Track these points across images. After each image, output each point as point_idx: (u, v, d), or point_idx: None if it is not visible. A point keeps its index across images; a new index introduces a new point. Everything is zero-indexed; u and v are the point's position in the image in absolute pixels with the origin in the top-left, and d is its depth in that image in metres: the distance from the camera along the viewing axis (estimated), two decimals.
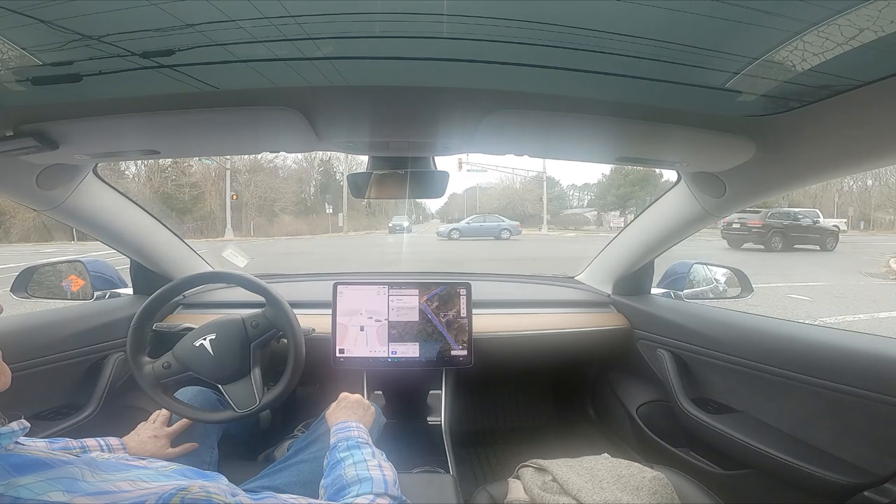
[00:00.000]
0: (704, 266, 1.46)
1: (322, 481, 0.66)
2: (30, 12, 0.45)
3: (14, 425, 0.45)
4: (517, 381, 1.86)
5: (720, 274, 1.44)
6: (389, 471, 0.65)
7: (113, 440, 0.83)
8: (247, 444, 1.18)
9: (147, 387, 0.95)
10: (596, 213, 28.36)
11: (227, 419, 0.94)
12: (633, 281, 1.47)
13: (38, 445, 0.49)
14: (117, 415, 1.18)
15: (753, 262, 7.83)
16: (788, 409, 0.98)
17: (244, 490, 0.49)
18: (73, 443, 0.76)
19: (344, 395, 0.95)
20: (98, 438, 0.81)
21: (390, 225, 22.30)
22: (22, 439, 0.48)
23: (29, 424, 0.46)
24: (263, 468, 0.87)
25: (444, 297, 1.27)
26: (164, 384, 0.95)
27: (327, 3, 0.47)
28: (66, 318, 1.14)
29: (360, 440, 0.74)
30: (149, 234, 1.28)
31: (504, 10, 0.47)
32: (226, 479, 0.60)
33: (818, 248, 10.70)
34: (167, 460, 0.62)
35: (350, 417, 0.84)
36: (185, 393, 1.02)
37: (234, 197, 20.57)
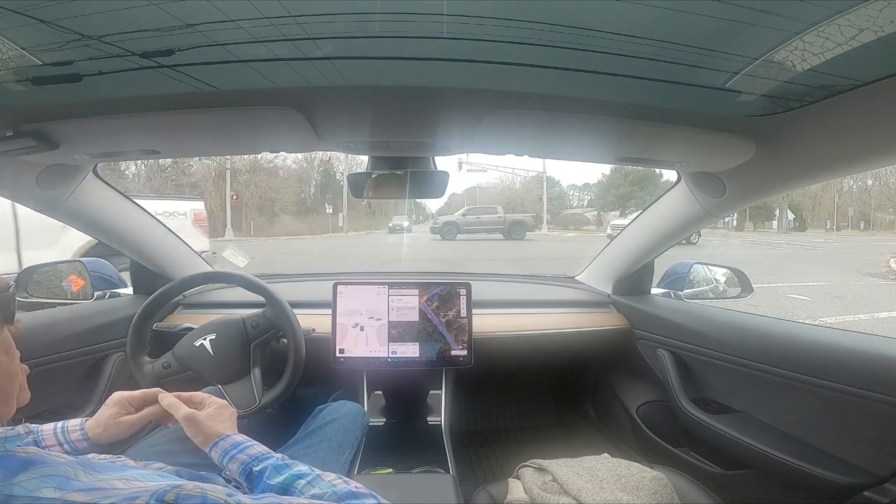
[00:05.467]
0: (704, 266, 1.47)
1: None
2: (30, 12, 0.45)
3: (20, 429, 0.46)
4: (517, 381, 1.85)
5: (720, 274, 1.44)
6: (355, 481, 0.58)
7: (73, 422, 0.67)
8: None
9: (147, 387, 0.95)
10: (596, 213, 28.41)
11: None
12: (633, 281, 1.47)
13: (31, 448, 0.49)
14: None
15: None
16: (788, 409, 0.98)
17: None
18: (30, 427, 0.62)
19: (195, 397, 0.75)
20: (56, 423, 0.65)
21: (390, 225, 22.28)
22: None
23: (32, 427, 0.47)
24: None
25: (444, 297, 1.27)
26: (164, 384, 0.95)
27: (327, 3, 0.47)
28: (66, 318, 1.13)
29: (278, 458, 0.60)
30: (149, 234, 1.28)
31: (504, 10, 0.47)
32: (223, 481, 0.60)
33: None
34: (164, 462, 0.61)
35: (223, 430, 0.67)
36: None
37: (234, 197, 20.55)
